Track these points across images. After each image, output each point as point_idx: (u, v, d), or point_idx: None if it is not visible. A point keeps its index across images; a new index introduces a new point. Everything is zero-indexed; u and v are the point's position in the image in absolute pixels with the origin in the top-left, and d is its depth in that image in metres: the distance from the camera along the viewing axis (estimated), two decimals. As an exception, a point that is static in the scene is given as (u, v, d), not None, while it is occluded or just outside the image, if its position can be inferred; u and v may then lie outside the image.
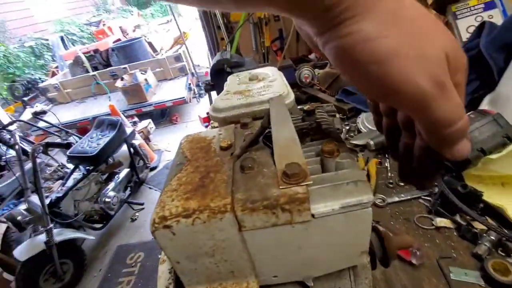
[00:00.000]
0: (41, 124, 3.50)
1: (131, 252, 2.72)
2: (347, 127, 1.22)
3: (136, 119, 4.34)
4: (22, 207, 2.24)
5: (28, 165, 2.35)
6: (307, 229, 0.37)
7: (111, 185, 2.84)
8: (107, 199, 2.76)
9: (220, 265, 0.40)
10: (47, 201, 2.27)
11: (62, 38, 6.78)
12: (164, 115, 5.35)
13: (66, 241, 2.28)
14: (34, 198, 2.25)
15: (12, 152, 2.74)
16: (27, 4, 8.21)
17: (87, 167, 2.74)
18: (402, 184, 0.91)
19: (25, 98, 5.94)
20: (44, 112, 3.19)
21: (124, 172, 3.05)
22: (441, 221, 0.75)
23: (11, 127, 2.89)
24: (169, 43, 6.33)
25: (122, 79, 4.70)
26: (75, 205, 2.68)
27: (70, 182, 2.65)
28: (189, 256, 0.38)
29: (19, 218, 2.15)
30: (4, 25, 7.06)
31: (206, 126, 2.02)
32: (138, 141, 3.58)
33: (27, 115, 4.79)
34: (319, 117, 0.50)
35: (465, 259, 0.68)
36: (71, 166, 2.90)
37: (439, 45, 0.24)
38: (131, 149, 3.15)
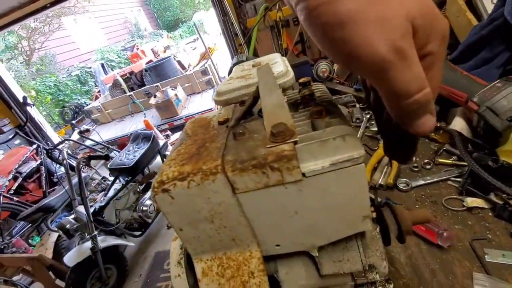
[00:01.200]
0: (87, 142, 3.86)
1: (168, 258, 2.82)
2: (368, 116, 1.18)
3: (169, 132, 4.58)
4: (71, 217, 2.45)
5: (75, 179, 2.59)
6: (300, 190, 0.37)
7: (148, 194, 3.00)
8: (144, 208, 2.91)
9: (220, 232, 0.41)
10: (91, 210, 2.46)
11: (102, 65, 7.45)
12: (195, 127, 5.56)
13: (109, 248, 2.44)
14: (81, 208, 2.46)
15: (63, 169, 3.03)
16: (73, 38, 9.19)
17: (126, 178, 2.93)
18: (428, 167, 0.86)
19: (73, 121, 6.57)
20: (87, 131, 3.52)
21: (159, 182, 3.20)
22: (473, 201, 0.69)
23: (60, 147, 3.23)
24: (196, 59, 6.64)
25: (155, 96, 5.02)
26: (116, 214, 2.86)
27: (111, 193, 2.85)
28: (190, 222, 0.40)
29: (68, 226, 2.35)
30: (54, 58, 7.96)
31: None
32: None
33: (75, 136, 5.30)
34: (314, 88, 0.50)
35: (503, 240, 0.62)
36: (112, 178, 3.12)
37: (403, 9, 0.22)
38: (165, 160, 3.32)
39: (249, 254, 0.43)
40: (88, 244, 2.38)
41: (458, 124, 0.85)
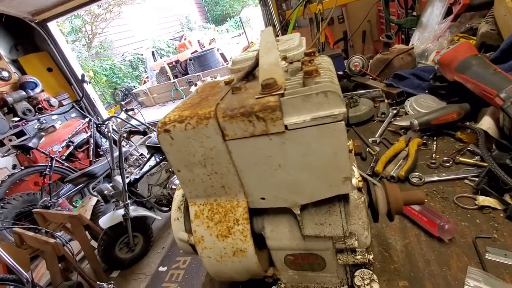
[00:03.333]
0: (132, 122, 4.19)
1: (190, 236, 2.98)
2: (394, 111, 1.14)
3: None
4: (109, 184, 2.71)
5: (117, 153, 2.84)
6: (283, 142, 0.40)
7: (178, 174, 3.19)
8: (173, 186, 3.10)
9: (212, 177, 0.46)
10: (127, 181, 2.68)
11: (153, 53, 7.97)
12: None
13: (139, 218, 2.66)
14: (118, 178, 2.70)
15: (108, 144, 3.34)
16: (130, 26, 9.94)
17: (160, 156, 3.14)
18: (447, 165, 0.82)
19: (122, 102, 7.15)
20: (132, 109, 3.82)
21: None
22: (485, 200, 0.66)
23: (107, 122, 3.55)
24: (239, 52, 6.81)
25: (195, 85, 5.26)
26: (148, 188, 3.09)
27: (146, 168, 3.08)
28: (186, 164, 0.46)
29: (105, 192, 2.60)
30: (112, 43, 8.70)
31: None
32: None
33: (122, 115, 5.79)
34: (318, 58, 0.52)
35: (509, 241, 0.59)
36: (148, 155, 3.36)
37: None
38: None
39: (237, 203, 0.47)
40: (121, 211, 2.61)
41: (486, 123, 0.80)
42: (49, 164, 3.28)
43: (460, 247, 0.60)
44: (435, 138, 0.95)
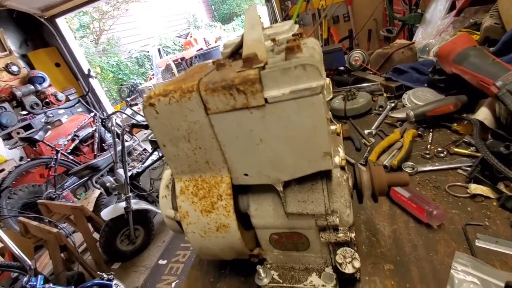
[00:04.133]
0: (137, 117, 4.24)
1: (190, 230, 3.00)
2: (392, 104, 1.13)
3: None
4: (112, 177, 2.74)
5: (120, 147, 2.88)
6: (264, 116, 0.41)
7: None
8: (175, 181, 3.13)
9: (196, 152, 0.47)
10: (129, 174, 2.71)
11: (159, 50, 8.04)
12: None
13: (141, 211, 2.69)
14: (121, 171, 2.74)
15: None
16: (137, 24, 10.04)
17: (163, 151, 3.18)
18: (441, 155, 0.82)
19: (128, 99, 7.23)
20: (136, 104, 3.87)
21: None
22: (477, 188, 0.65)
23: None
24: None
25: (200, 81, 5.28)
26: (150, 183, 3.12)
27: (148, 162, 3.11)
28: (171, 139, 0.47)
29: (108, 184, 2.63)
30: (119, 41, 8.79)
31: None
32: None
33: (128, 111, 5.86)
34: (305, 39, 0.52)
35: (501, 229, 0.58)
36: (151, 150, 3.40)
37: None
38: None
39: (220, 178, 0.48)
40: (123, 204, 2.63)
41: (482, 114, 0.80)
42: (55, 157, 3.33)
43: (449, 233, 0.60)
44: (431, 130, 0.94)
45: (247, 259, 0.59)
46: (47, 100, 4.31)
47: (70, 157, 3.65)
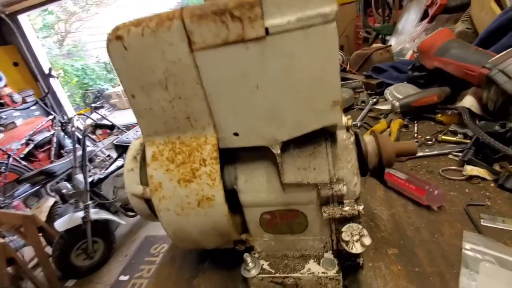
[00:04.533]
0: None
1: (157, 243, 2.77)
2: (374, 99, 1.12)
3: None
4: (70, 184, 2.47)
5: (79, 153, 2.62)
6: (263, 53, 0.33)
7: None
8: (142, 189, 2.90)
9: (175, 104, 0.38)
10: (89, 180, 2.46)
11: (130, 56, 7.73)
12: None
13: (101, 221, 2.42)
14: (80, 177, 2.47)
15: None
16: (107, 29, 9.66)
17: (129, 157, 2.95)
18: (429, 143, 0.79)
19: (93, 104, 6.80)
20: (102, 107, 3.61)
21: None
22: (473, 170, 0.62)
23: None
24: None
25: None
26: (114, 191, 2.85)
27: (112, 167, 2.86)
28: (143, 86, 0.37)
29: (64, 191, 2.36)
30: (85, 45, 8.36)
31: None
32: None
33: (94, 116, 5.48)
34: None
35: (504, 208, 0.54)
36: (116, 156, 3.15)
37: None
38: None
39: (204, 139, 0.39)
40: (81, 213, 2.36)
41: (468, 101, 0.79)
42: (6, 162, 2.96)
43: (451, 214, 0.55)
44: (415, 122, 0.92)
45: (231, 248, 0.50)
46: (1, 101, 3.90)
47: (23, 162, 3.28)
